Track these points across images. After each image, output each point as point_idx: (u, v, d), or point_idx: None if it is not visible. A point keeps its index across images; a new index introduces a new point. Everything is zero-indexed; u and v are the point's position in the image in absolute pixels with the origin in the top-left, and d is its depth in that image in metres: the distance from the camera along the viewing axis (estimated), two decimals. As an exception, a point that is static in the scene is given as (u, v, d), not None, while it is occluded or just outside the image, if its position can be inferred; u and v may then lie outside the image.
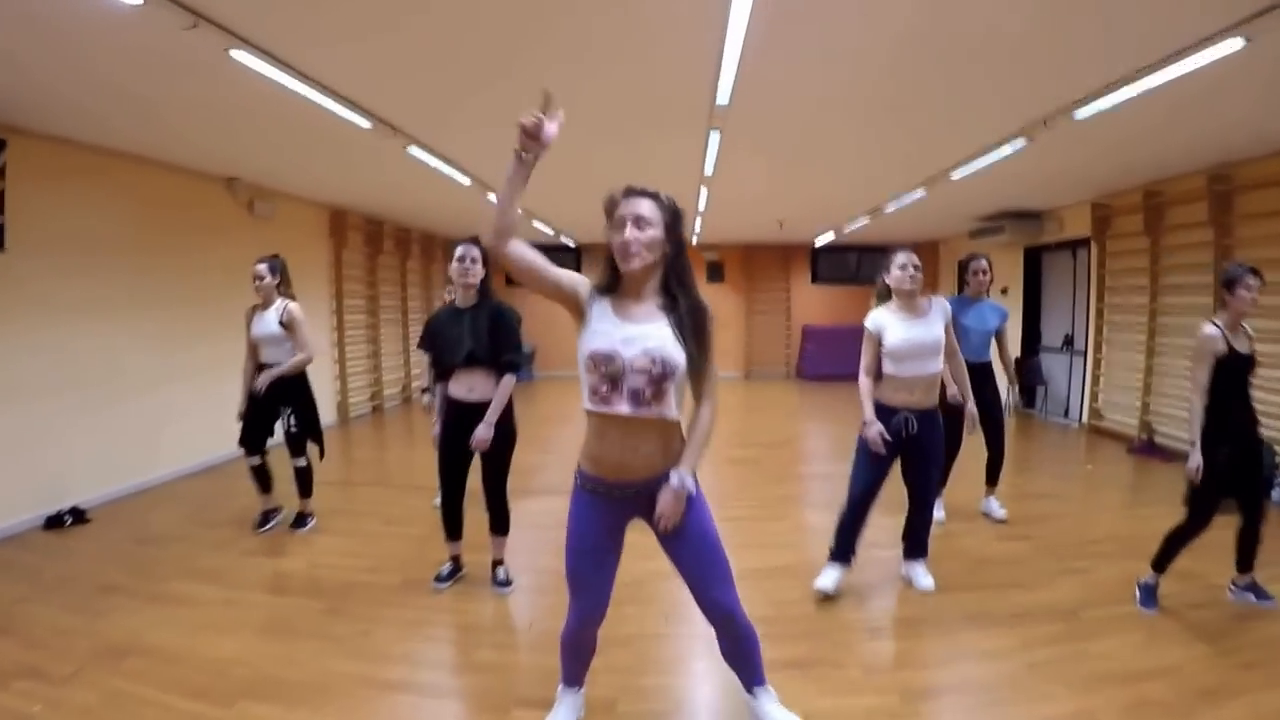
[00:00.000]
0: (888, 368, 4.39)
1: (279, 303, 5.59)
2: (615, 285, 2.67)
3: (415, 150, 6.96)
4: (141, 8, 3.62)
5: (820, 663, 3.77)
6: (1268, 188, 7.02)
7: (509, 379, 4.45)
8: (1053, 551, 5.32)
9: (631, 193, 2.62)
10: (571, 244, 16.48)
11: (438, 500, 5.07)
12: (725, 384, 15.71)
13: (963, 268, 6.00)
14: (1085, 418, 10.39)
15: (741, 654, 2.91)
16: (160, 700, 3.44)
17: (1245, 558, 4.27)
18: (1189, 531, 4.19)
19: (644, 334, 2.54)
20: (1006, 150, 6.73)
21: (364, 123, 5.88)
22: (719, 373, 2.78)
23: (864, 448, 4.43)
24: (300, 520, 5.89)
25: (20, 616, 4.36)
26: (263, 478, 5.87)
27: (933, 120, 6.18)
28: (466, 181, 8.54)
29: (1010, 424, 6.05)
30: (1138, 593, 4.34)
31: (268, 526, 5.87)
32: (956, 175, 8.05)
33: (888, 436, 4.27)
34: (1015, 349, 11.51)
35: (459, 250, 4.45)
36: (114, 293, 6.93)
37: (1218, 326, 4.14)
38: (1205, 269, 7.79)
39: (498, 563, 4.73)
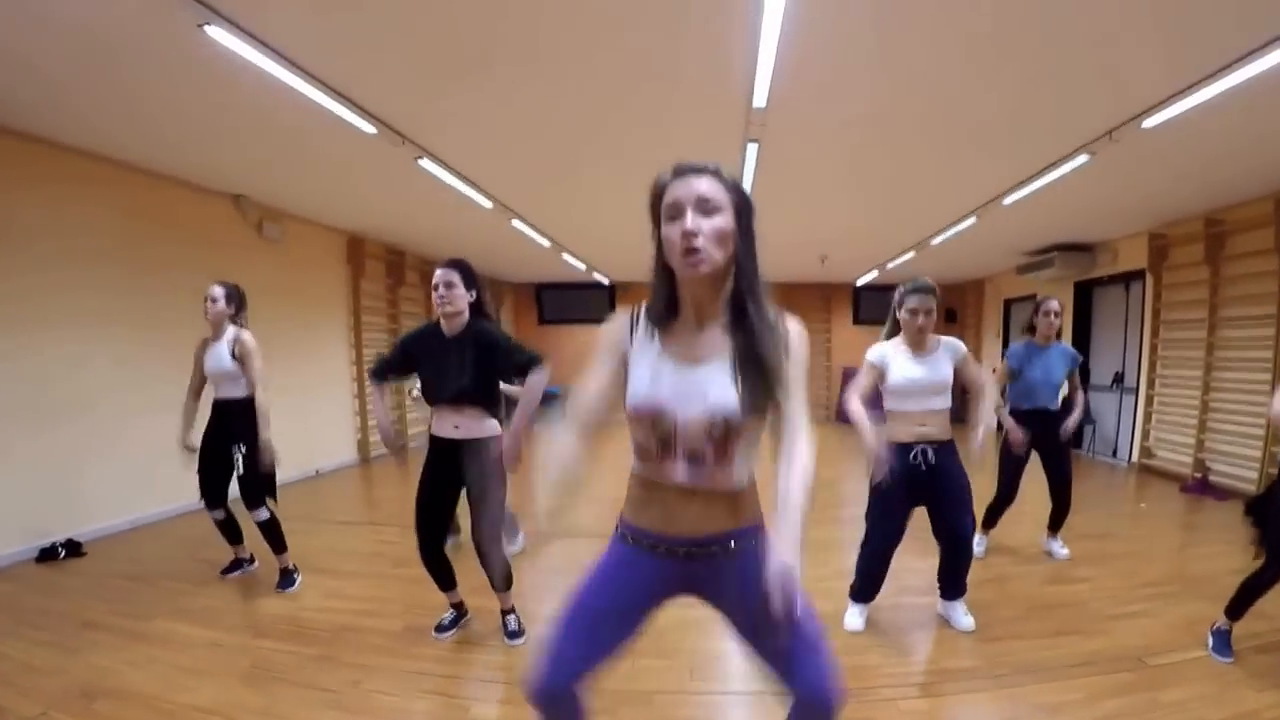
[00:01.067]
0: (891, 405, 4.25)
1: (230, 331, 5.06)
2: (673, 309, 2.06)
3: (427, 163, 6.72)
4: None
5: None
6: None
7: (536, 377, 3.94)
8: (1111, 594, 4.99)
9: (685, 170, 1.94)
10: (606, 281, 16.11)
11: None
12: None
13: (1035, 310, 5.74)
14: (1135, 456, 10.08)
15: None
16: None
17: None
18: (1270, 579, 3.88)
19: (707, 378, 1.96)
20: (1067, 168, 6.43)
21: (368, 127, 5.66)
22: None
23: (879, 494, 4.22)
24: (286, 578, 5.24)
25: None
26: (230, 530, 5.38)
27: (989, 135, 5.92)
28: (488, 204, 8.29)
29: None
30: (1210, 639, 4.05)
31: (235, 574, 5.45)
32: (1009, 200, 7.78)
33: (888, 474, 4.02)
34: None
35: (436, 276, 4.01)
36: (108, 309, 6.72)
37: None
38: (1269, 299, 7.54)
39: (507, 612, 4.31)
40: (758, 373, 1.93)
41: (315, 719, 3.42)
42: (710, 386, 1.93)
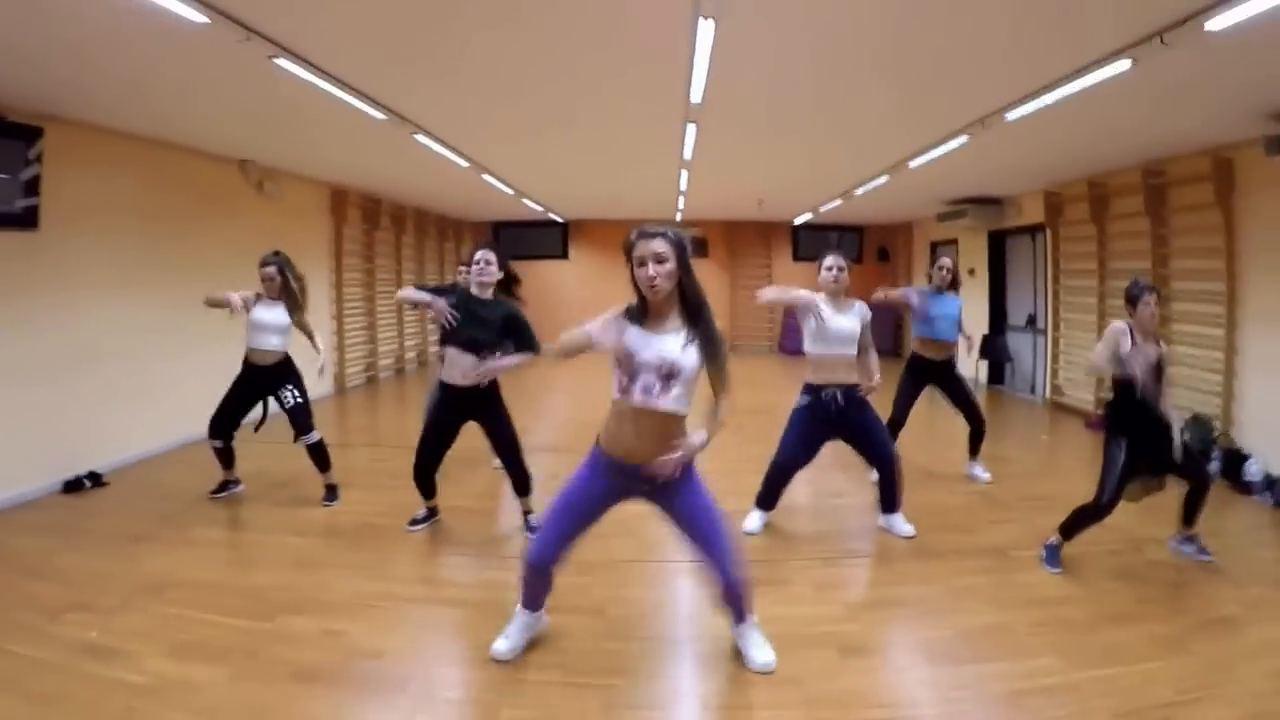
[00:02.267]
0: (814, 349, 5.04)
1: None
2: (644, 310, 3.19)
3: (421, 137, 7.49)
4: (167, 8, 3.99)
5: (776, 582, 4.51)
6: (1197, 182, 7.60)
7: (530, 356, 5.01)
8: (994, 504, 6.11)
9: (645, 235, 3.08)
10: (560, 219, 17.32)
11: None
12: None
13: (931, 263, 6.73)
14: (1048, 394, 11.04)
15: (733, 602, 3.54)
16: (206, 619, 3.98)
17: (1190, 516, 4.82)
18: (1094, 510, 4.65)
19: (661, 342, 3.09)
20: (953, 145, 7.40)
21: (378, 114, 6.39)
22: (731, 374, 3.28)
23: (798, 420, 5.17)
24: (330, 493, 6.09)
25: (55, 564, 4.77)
26: (227, 457, 6.08)
27: (885, 119, 6.87)
28: (464, 164, 9.11)
29: (980, 400, 6.80)
30: (1043, 551, 4.83)
31: (223, 494, 6.14)
32: (913, 164, 8.66)
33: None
34: (984, 328, 12.33)
35: (477, 255, 5.03)
36: (132, 268, 7.36)
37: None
38: (1145, 255, 8.41)
39: (528, 512, 5.35)
40: (705, 354, 3.14)
41: (358, 587, 4.43)
42: (663, 346, 3.08)
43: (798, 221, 17.15)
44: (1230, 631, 3.98)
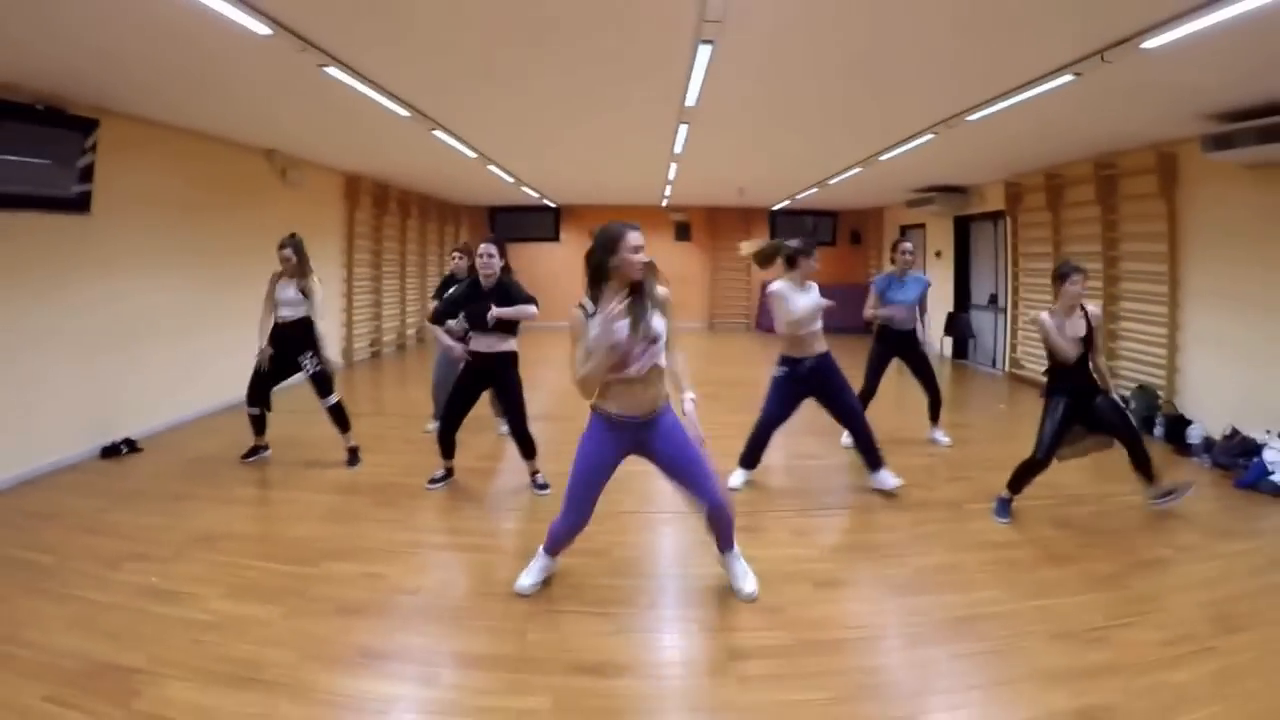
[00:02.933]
0: (792, 330, 5.62)
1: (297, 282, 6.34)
2: (596, 298, 3.67)
3: (438, 133, 8.05)
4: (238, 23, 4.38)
5: (757, 529, 5.09)
6: (1143, 174, 8.21)
7: (530, 307, 5.62)
8: (950, 465, 6.75)
9: (628, 227, 3.62)
10: (553, 204, 17.89)
11: (430, 425, 6.69)
12: (690, 333, 17.10)
13: (893, 248, 7.17)
14: (1007, 367, 11.75)
15: (720, 529, 4.08)
16: (257, 566, 4.43)
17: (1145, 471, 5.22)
18: (1033, 464, 5.18)
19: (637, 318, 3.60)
20: (920, 141, 8.03)
21: (403, 112, 6.91)
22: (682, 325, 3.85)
23: (779, 385, 5.75)
24: (353, 456, 6.54)
25: (107, 521, 5.15)
26: (260, 423, 6.54)
27: (857, 121, 7.55)
28: (472, 155, 9.65)
29: (945, 372, 7.33)
30: (994, 504, 5.37)
31: (253, 458, 6.58)
32: (884, 158, 9.32)
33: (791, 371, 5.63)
34: (949, 306, 13.08)
35: (481, 248, 5.58)
36: (171, 251, 7.82)
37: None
38: (1095, 240, 9.06)
39: (535, 473, 5.88)
40: (664, 314, 3.75)
41: (389, 536, 4.98)
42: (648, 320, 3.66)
43: (776, 207, 17.70)
44: (1162, 570, 4.54)
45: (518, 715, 3.10)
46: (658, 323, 3.69)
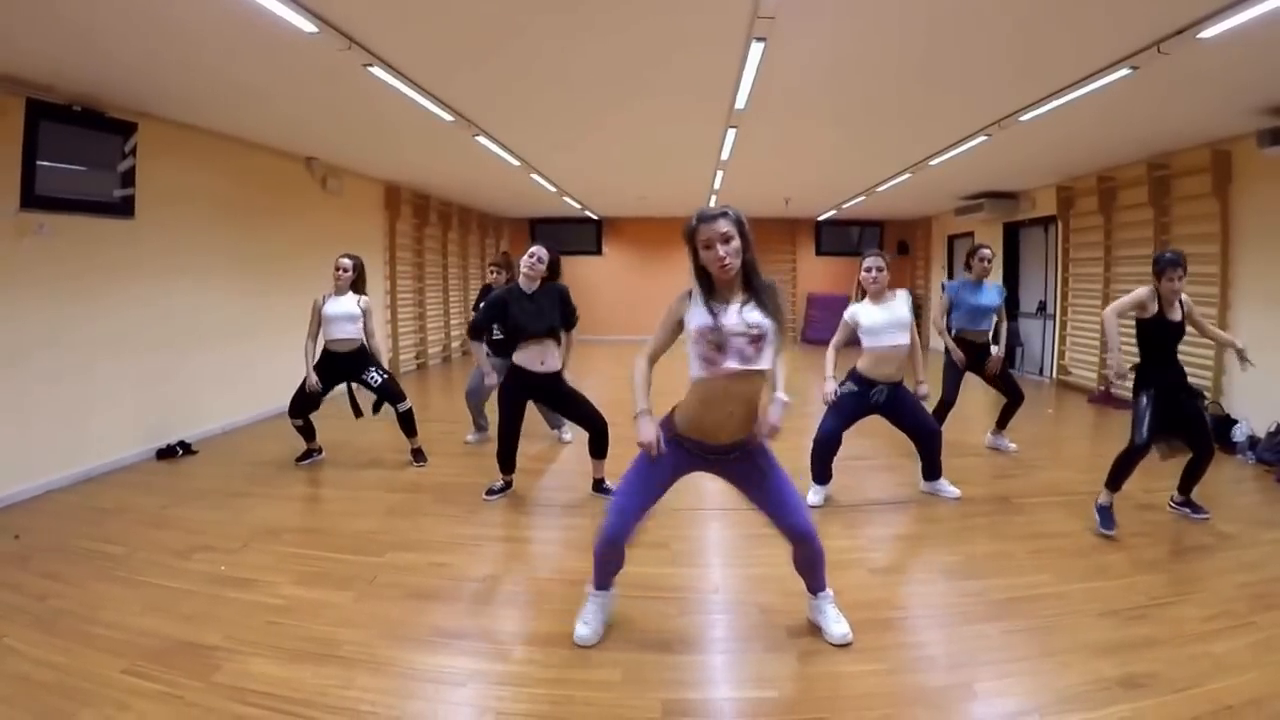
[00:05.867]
0: (867, 342, 5.35)
1: (351, 295, 6.42)
2: (709, 290, 3.18)
3: (481, 138, 8.10)
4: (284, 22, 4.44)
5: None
6: (1197, 174, 8.15)
7: (574, 331, 5.71)
8: (1001, 466, 6.74)
9: (706, 218, 3.10)
10: (595, 216, 17.92)
11: (470, 436, 7.08)
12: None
13: (969, 254, 7.08)
14: (1055, 373, 11.71)
15: (811, 565, 3.55)
16: (323, 556, 4.53)
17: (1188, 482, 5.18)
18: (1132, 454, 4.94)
19: (740, 310, 3.10)
20: (972, 144, 8.03)
21: (447, 116, 6.97)
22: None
23: (833, 406, 5.47)
24: (419, 456, 6.65)
25: (172, 517, 5.29)
26: (308, 431, 6.62)
27: (910, 123, 7.51)
28: (516, 163, 9.71)
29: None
30: (1096, 515, 5.01)
31: (306, 461, 6.66)
32: (934, 163, 9.33)
33: (834, 395, 5.32)
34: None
35: (531, 250, 5.55)
36: (215, 256, 7.90)
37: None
38: (1147, 243, 8.96)
39: (601, 479, 5.77)
40: (777, 316, 3.16)
41: (449, 529, 5.08)
42: (748, 313, 3.10)
43: (821, 217, 17.56)
44: (1204, 556, 4.64)
45: (591, 685, 3.19)
46: (764, 318, 3.14)
